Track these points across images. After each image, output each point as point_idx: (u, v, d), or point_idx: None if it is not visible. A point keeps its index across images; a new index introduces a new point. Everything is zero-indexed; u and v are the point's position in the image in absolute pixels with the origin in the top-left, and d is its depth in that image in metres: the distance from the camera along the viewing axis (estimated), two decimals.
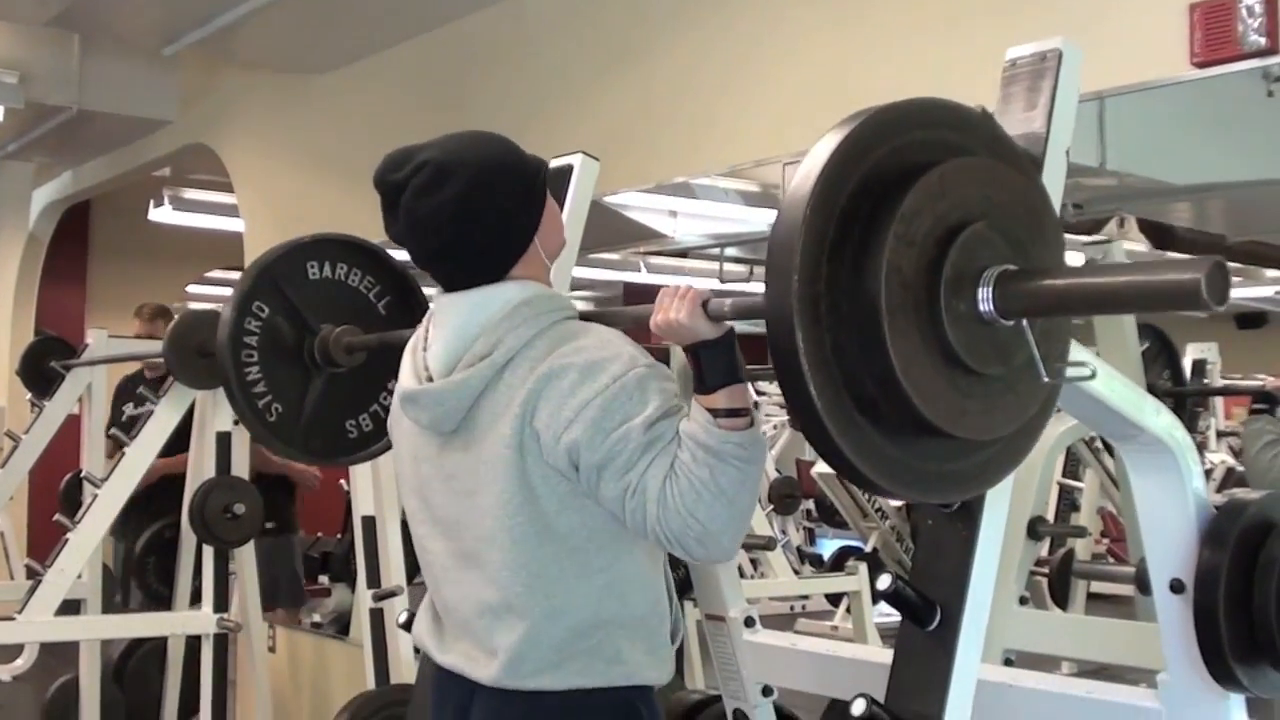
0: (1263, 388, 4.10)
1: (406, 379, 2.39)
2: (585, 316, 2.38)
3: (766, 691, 3.01)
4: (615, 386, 2.16)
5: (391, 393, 3.09)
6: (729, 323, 2.13)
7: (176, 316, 5.23)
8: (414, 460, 2.43)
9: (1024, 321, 1.80)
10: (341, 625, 6.66)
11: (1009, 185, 1.86)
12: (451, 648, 2.39)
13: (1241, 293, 12.97)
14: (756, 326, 1.86)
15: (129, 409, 6.61)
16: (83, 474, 5.86)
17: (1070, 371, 1.95)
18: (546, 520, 2.23)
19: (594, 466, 2.15)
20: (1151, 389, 4.78)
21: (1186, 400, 5.04)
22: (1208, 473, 4.88)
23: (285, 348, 3.15)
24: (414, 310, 3.22)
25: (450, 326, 2.33)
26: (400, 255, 2.78)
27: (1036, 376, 1.82)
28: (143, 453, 5.12)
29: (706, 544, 2.10)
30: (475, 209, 2.30)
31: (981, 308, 1.76)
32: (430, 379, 2.32)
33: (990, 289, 1.76)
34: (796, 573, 8.30)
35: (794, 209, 1.72)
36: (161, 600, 5.73)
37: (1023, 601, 4.22)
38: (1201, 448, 7.77)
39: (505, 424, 2.22)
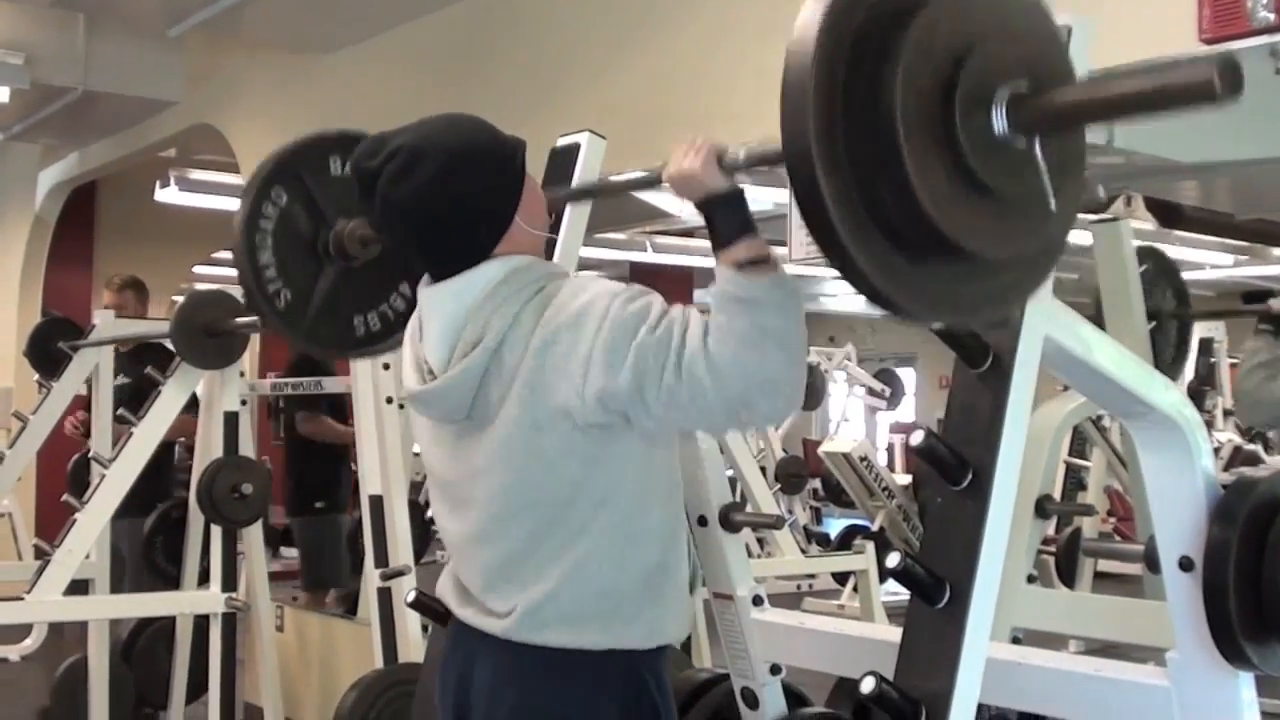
0: (1268, 309, 4.05)
1: (410, 377, 2.39)
2: (590, 190, 2.36)
3: (774, 670, 3.02)
4: (606, 323, 2.15)
5: (402, 295, 3.11)
6: (740, 182, 2.12)
7: (183, 296, 5.23)
8: (432, 443, 2.44)
9: (1036, 144, 1.79)
10: (349, 604, 6.67)
11: (1025, 11, 1.87)
12: (471, 604, 2.39)
13: (1248, 270, 12.98)
14: None
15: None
16: (90, 454, 5.87)
17: (1073, 196, 1.94)
18: (565, 489, 2.23)
19: (633, 391, 2.12)
20: (1157, 312, 4.77)
21: (1191, 325, 4.99)
22: (1215, 451, 4.87)
23: (300, 237, 3.10)
24: None
25: (439, 316, 2.32)
26: None
27: (1047, 203, 1.82)
28: (150, 432, 5.12)
29: (771, 394, 2.06)
30: (450, 192, 2.30)
31: (995, 125, 1.76)
32: (432, 372, 2.31)
33: (1004, 106, 1.76)
34: (804, 552, 8.32)
35: (811, 16, 1.71)
36: (169, 580, 5.73)
37: (1030, 580, 4.23)
38: (1209, 426, 7.77)
39: (513, 403, 2.22)
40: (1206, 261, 12.18)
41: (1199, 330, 8.04)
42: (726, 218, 2.11)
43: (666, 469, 2.39)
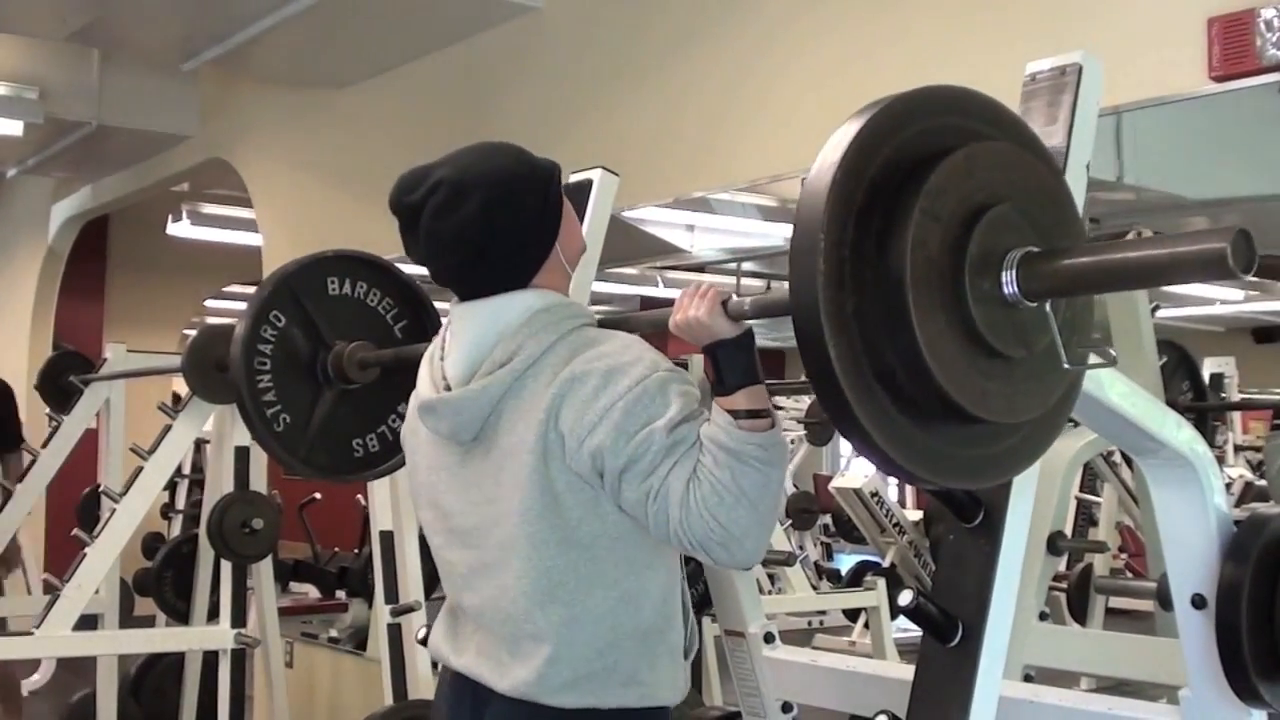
0: None
1: (424, 388, 2.39)
2: (604, 323, 2.38)
3: (786, 708, 3.00)
4: (638, 389, 2.16)
5: (401, 416, 3.11)
6: (748, 323, 2.12)
7: (194, 331, 5.24)
8: (430, 470, 2.42)
9: (1047, 305, 1.79)
10: (359, 640, 6.66)
11: (1034, 172, 1.86)
12: (467, 650, 2.38)
13: (1258, 306, 12.96)
14: (774, 340, 1.85)
15: None
16: (101, 488, 5.88)
17: (1092, 358, 1.93)
18: (568, 528, 2.22)
19: (617, 470, 2.14)
20: (1172, 405, 4.77)
21: (1207, 415, 5.02)
22: (1227, 486, 4.87)
23: (299, 360, 3.15)
24: (429, 334, 3.22)
25: (468, 334, 2.32)
26: (416, 271, 2.79)
27: (1058, 362, 1.81)
28: (160, 468, 5.13)
29: (730, 548, 2.09)
30: (496, 223, 2.31)
31: (1005, 288, 1.76)
32: (448, 388, 2.31)
33: (1014, 270, 1.75)
34: (814, 588, 8.29)
35: (822, 177, 1.72)
36: (179, 615, 5.73)
37: (1042, 617, 4.21)
38: (1219, 462, 7.75)
39: (528, 430, 2.21)
40: (1216, 297, 12.16)
41: (1209, 365, 8.02)
42: (731, 364, 2.12)
43: None
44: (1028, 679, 3.76)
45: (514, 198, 2.33)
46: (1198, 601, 2.32)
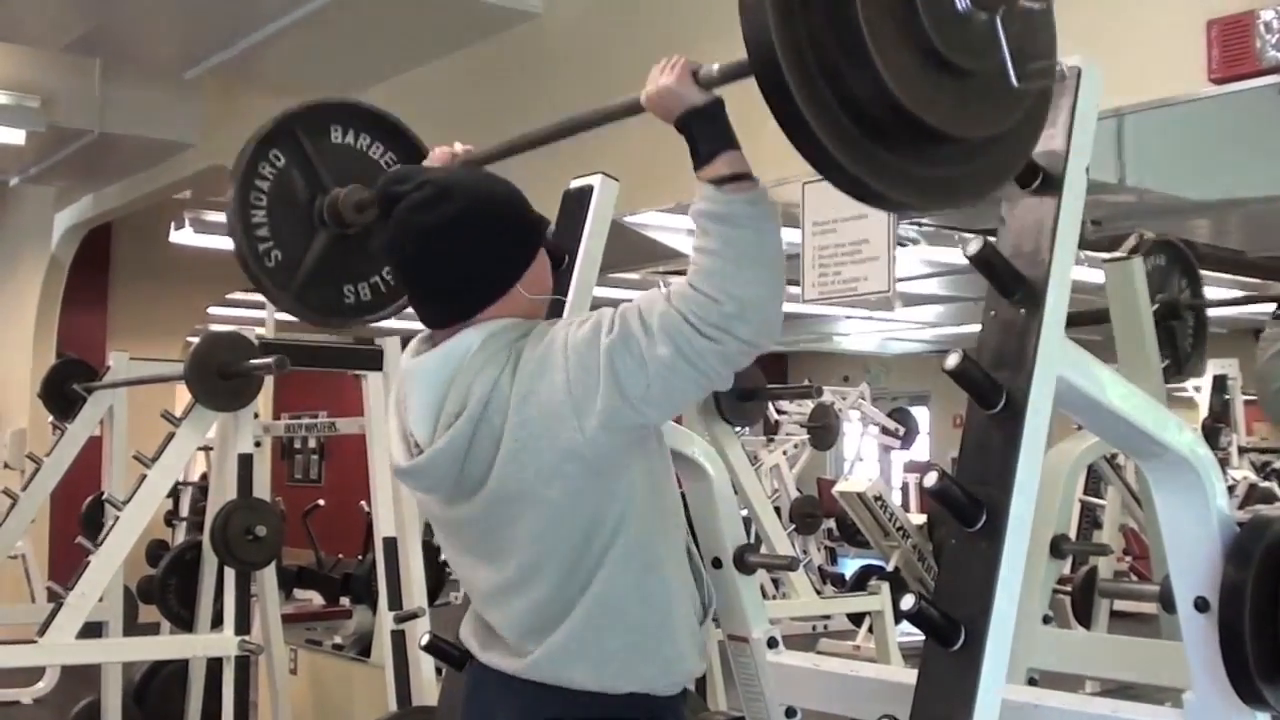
0: None
1: (397, 451, 2.39)
2: (568, 126, 2.49)
3: (790, 713, 3.00)
4: (569, 351, 2.17)
5: None
6: (717, 92, 2.13)
7: (197, 338, 5.24)
8: (432, 505, 2.43)
9: (998, 19, 1.82)
10: (363, 647, 6.66)
11: None
12: (494, 646, 2.39)
13: (1260, 308, 12.94)
14: (777, 344, 1.86)
15: None
16: (104, 496, 5.88)
17: (1038, 76, 1.97)
18: (581, 533, 2.22)
19: (620, 396, 2.13)
20: (1173, 304, 4.79)
21: (1205, 314, 5.01)
22: (1230, 489, 4.87)
23: (295, 201, 3.07)
24: None
25: (420, 389, 2.31)
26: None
27: (1008, 82, 1.86)
28: (164, 476, 5.13)
29: (748, 317, 2.05)
30: (463, 236, 2.30)
31: (959, 3, 1.81)
32: (419, 446, 2.31)
33: None
34: (818, 592, 8.29)
35: None
36: (183, 622, 5.73)
37: (1046, 620, 4.21)
38: (1223, 464, 7.76)
39: (507, 463, 2.21)
40: (1218, 298, 12.16)
41: (1212, 367, 8.03)
42: (705, 132, 2.12)
43: (670, 495, 2.40)
44: (1032, 682, 3.76)
45: (491, 220, 2.33)
46: (1201, 604, 2.32)
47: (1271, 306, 4.37)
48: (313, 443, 17.81)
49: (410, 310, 2.50)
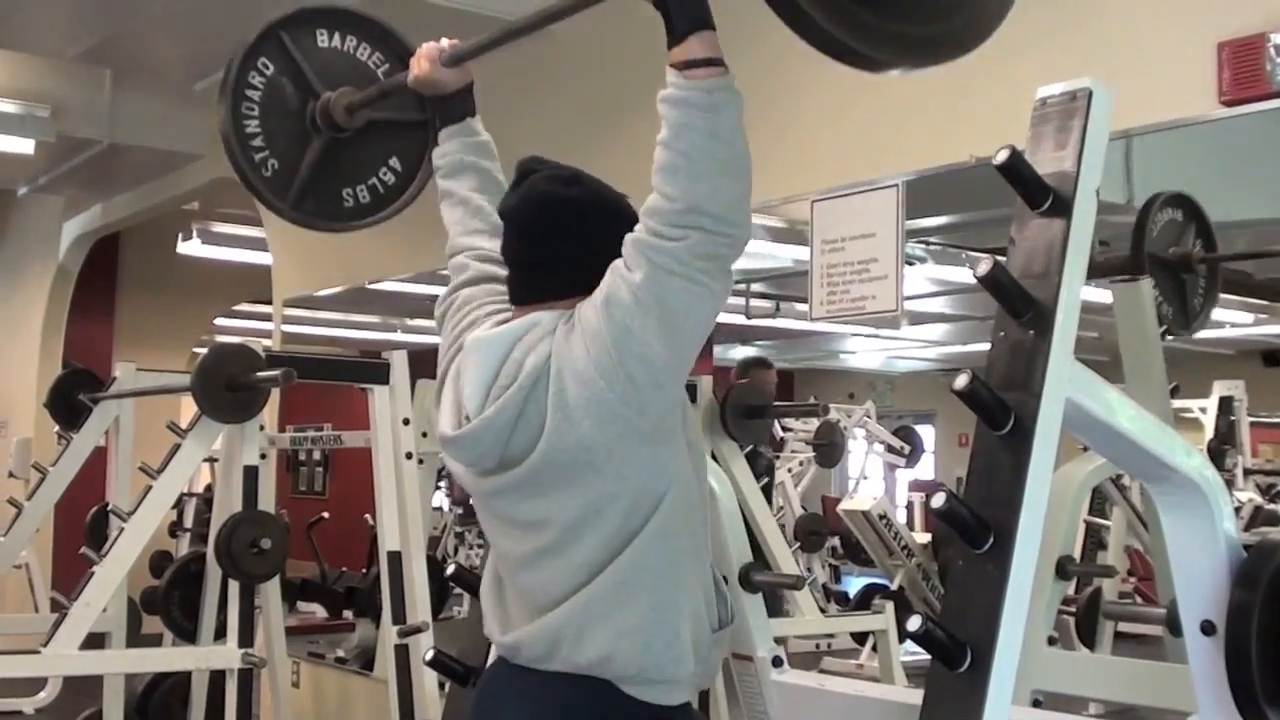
0: None
1: (446, 421, 2.40)
2: (552, 13, 2.58)
3: None
4: (583, 320, 2.23)
5: (392, 169, 3.13)
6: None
7: (204, 349, 5.24)
8: (467, 477, 2.44)
9: None
10: (366, 661, 6.66)
11: None
12: (517, 627, 2.40)
13: (1268, 329, 12.94)
14: (784, 362, 1.85)
15: None
16: (109, 506, 5.88)
17: None
18: (626, 498, 2.25)
19: (628, 342, 2.16)
20: (1186, 257, 4.79)
21: (1219, 269, 5.01)
22: (1236, 510, 4.85)
23: (287, 108, 3.07)
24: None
25: (478, 361, 2.34)
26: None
27: None
28: (169, 487, 5.13)
29: (707, 211, 2.08)
30: (585, 216, 2.37)
31: None
32: (468, 418, 2.32)
33: None
34: (822, 611, 8.27)
35: None
36: (186, 634, 5.73)
37: (1051, 641, 4.20)
38: (1229, 485, 7.75)
39: (553, 434, 2.23)
40: (1226, 320, 12.14)
41: (1219, 389, 8.02)
42: (681, 5, 2.13)
43: (700, 502, 2.42)
44: (1036, 704, 3.75)
45: (610, 214, 2.38)
46: (1207, 627, 2.31)
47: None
48: (318, 455, 17.80)
49: (420, 321, 2.51)
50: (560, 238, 2.36)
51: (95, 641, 5.34)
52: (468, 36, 2.76)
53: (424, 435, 5.54)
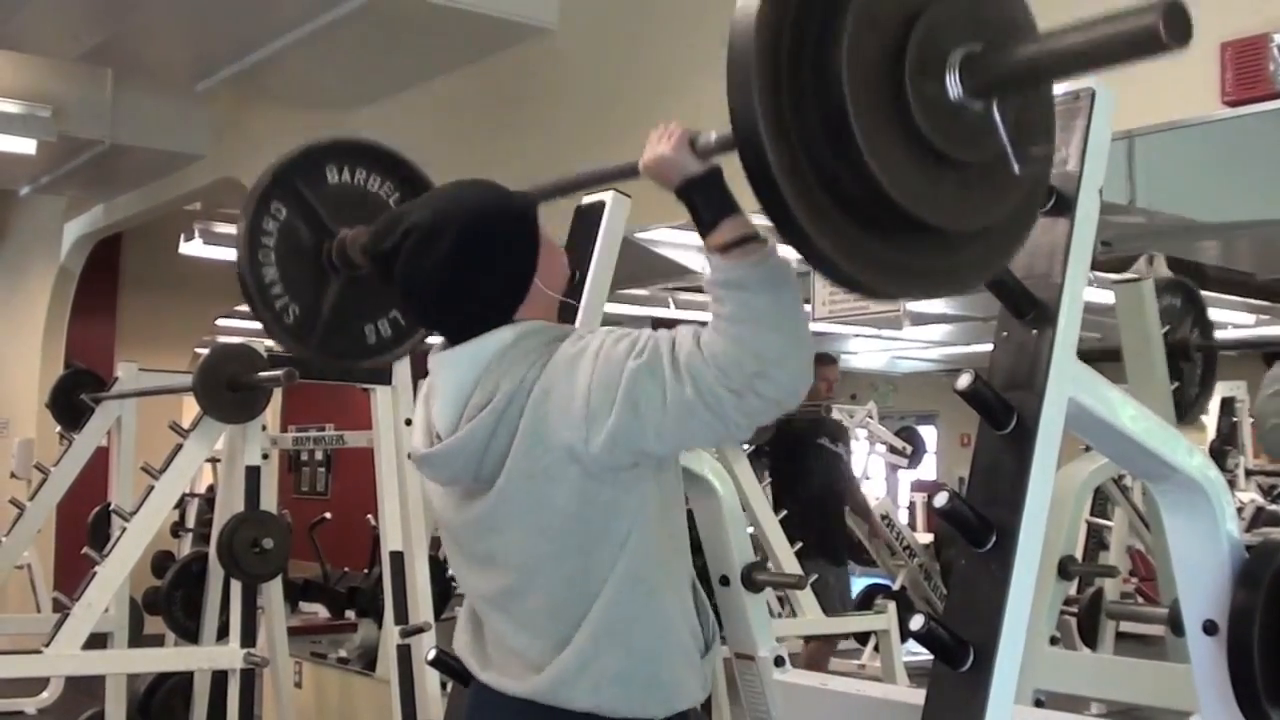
0: None
1: (418, 439, 2.38)
2: (565, 185, 2.43)
3: None
4: (599, 361, 2.15)
5: None
6: (716, 160, 2.10)
7: (206, 350, 5.24)
8: (443, 508, 2.42)
9: (994, 106, 1.77)
10: (368, 661, 6.65)
11: None
12: (491, 663, 2.37)
13: (1269, 330, 12.94)
14: None
15: None
16: (111, 507, 5.88)
17: (1039, 161, 1.92)
18: (584, 540, 2.21)
19: (633, 421, 2.11)
20: (1183, 344, 4.77)
21: (1215, 358, 4.98)
22: (1238, 511, 4.84)
23: (303, 250, 3.06)
24: None
25: (449, 381, 2.31)
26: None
27: (1009, 168, 1.80)
28: (171, 487, 5.13)
29: (772, 375, 2.02)
30: (471, 262, 2.29)
31: (950, 90, 1.74)
32: (439, 436, 2.31)
33: (957, 69, 1.74)
34: (825, 611, 8.27)
35: (743, 25, 1.72)
36: (188, 634, 5.73)
37: (1053, 641, 4.20)
38: (1231, 486, 7.74)
39: (520, 458, 2.20)
40: (1228, 321, 12.15)
41: (1221, 390, 8.01)
42: (706, 200, 2.09)
43: (678, 526, 2.38)
44: (1038, 704, 3.75)
45: (487, 236, 2.31)
46: (1209, 627, 2.31)
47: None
48: (320, 455, 17.80)
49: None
50: (463, 297, 2.31)
51: (97, 642, 5.34)
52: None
53: None
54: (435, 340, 2.44)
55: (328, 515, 8.03)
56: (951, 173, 1.77)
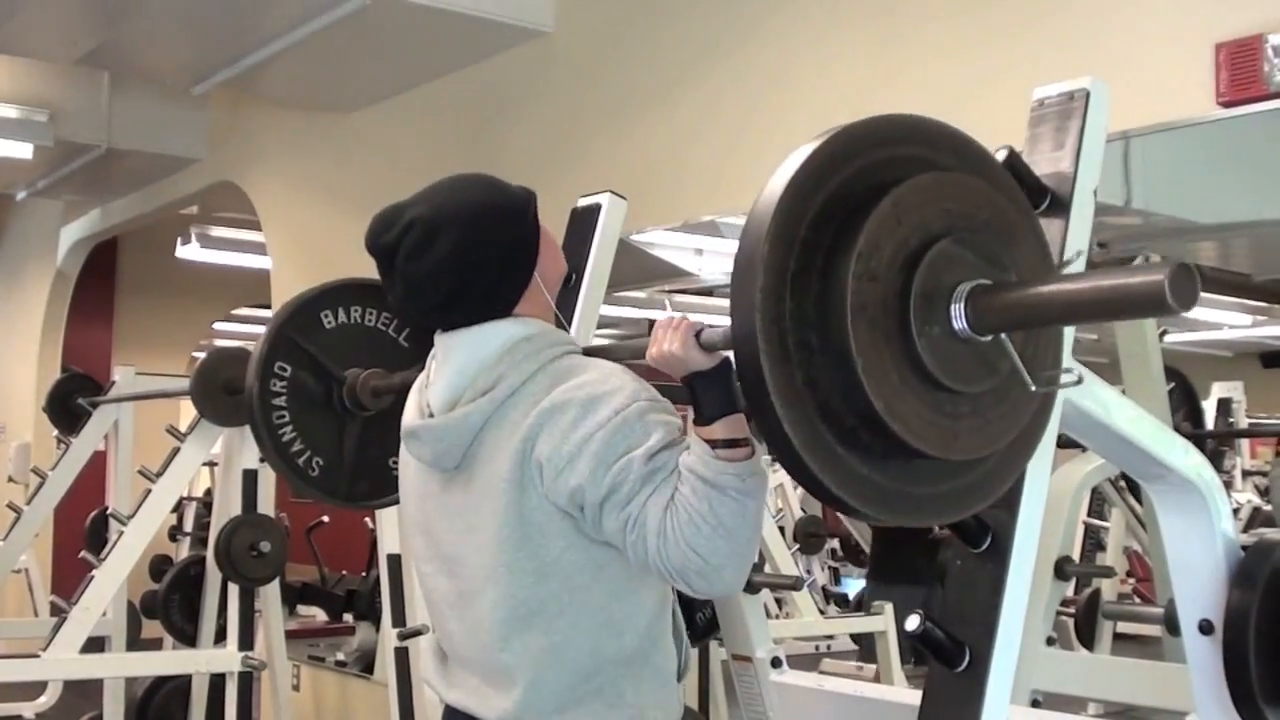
0: None
1: (410, 415, 2.39)
2: (588, 352, 2.36)
3: None
4: (617, 420, 2.14)
5: None
6: (723, 354, 2.09)
7: (203, 354, 5.25)
8: (419, 498, 2.42)
9: (1003, 335, 1.76)
10: (366, 664, 6.66)
11: (972, 195, 1.81)
12: (457, 684, 2.37)
13: (1266, 331, 12.95)
14: None
15: None
16: (109, 510, 5.89)
17: (1057, 380, 1.89)
18: (548, 557, 2.21)
19: (597, 502, 2.13)
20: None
21: (1206, 444, 5.01)
22: (1234, 512, 4.84)
23: (315, 400, 3.15)
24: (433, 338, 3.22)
25: (452, 363, 2.32)
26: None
27: (1023, 388, 1.78)
28: (169, 491, 5.13)
29: (708, 577, 2.06)
30: (471, 259, 2.30)
31: (956, 326, 1.73)
32: (432, 415, 2.31)
33: (962, 306, 1.72)
34: (822, 612, 8.27)
35: (753, 241, 1.69)
36: (186, 638, 5.73)
37: (1050, 642, 4.21)
38: (1227, 487, 7.75)
39: (504, 460, 2.20)
40: (1224, 322, 12.16)
41: (1217, 391, 8.02)
42: (708, 394, 2.09)
43: None
44: (1035, 704, 3.75)
45: (488, 231, 2.32)
46: (1205, 627, 2.32)
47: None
48: None
49: None
50: (467, 288, 2.32)
51: (95, 645, 5.34)
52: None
53: None
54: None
55: (325, 519, 8.03)
56: (966, 403, 1.76)
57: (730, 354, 2.02)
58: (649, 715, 2.30)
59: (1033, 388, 1.79)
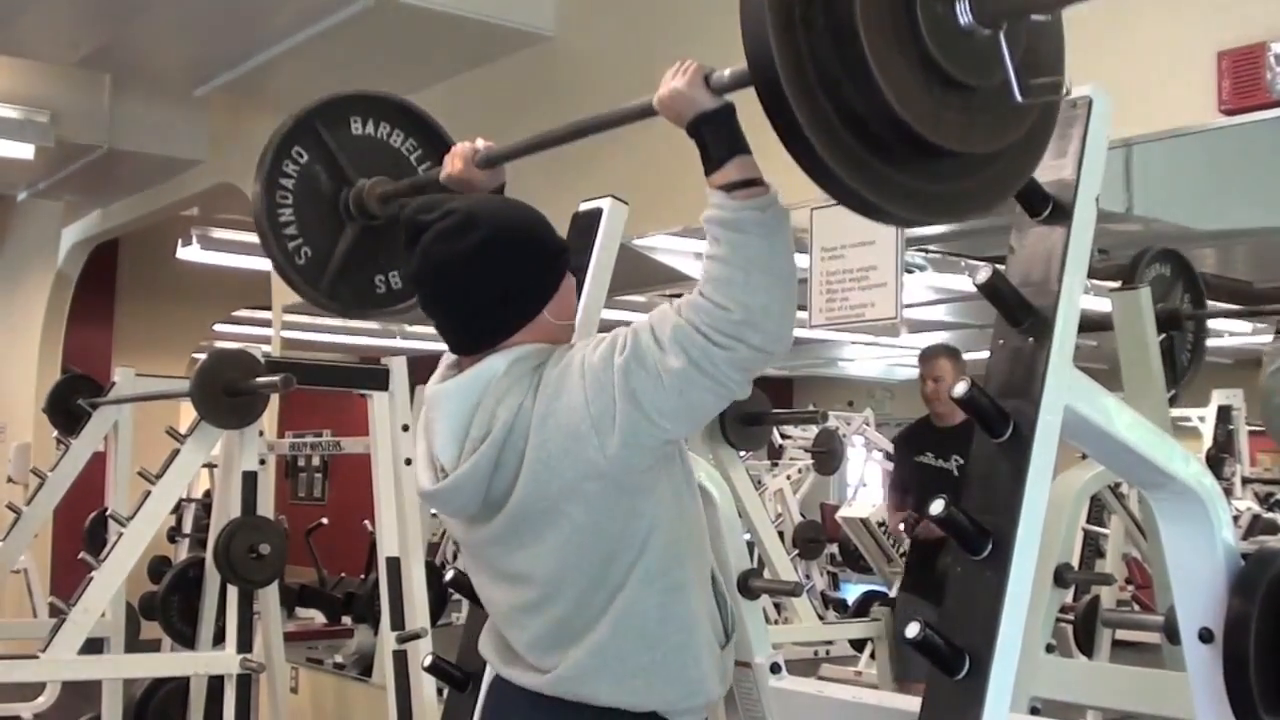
0: None
1: (423, 475, 2.39)
2: (580, 128, 2.53)
3: None
4: (586, 370, 2.18)
5: None
6: (728, 98, 2.13)
7: (203, 355, 5.24)
8: (455, 527, 2.45)
9: (1001, 34, 1.82)
10: (364, 667, 6.66)
11: None
12: (516, 663, 2.39)
13: (1267, 338, 12.93)
14: (781, 369, 1.84)
15: None
16: (108, 512, 5.88)
17: (1044, 93, 1.95)
18: (605, 549, 2.23)
19: (637, 412, 2.13)
20: (1174, 313, 4.76)
21: (1206, 324, 4.97)
22: (1234, 519, 4.83)
23: (320, 195, 3.08)
24: None
25: (445, 414, 2.32)
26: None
27: (1011, 95, 1.85)
28: (168, 492, 5.13)
29: (758, 324, 2.06)
30: (490, 263, 2.31)
31: (961, 16, 1.80)
32: (444, 470, 2.31)
33: None
34: (821, 618, 8.27)
35: None
36: (185, 639, 5.73)
37: (1049, 649, 4.20)
38: (1227, 494, 7.73)
39: (529, 484, 2.22)
40: (1224, 329, 12.15)
41: (1217, 398, 8.01)
42: (716, 137, 2.13)
43: (696, 520, 2.41)
44: (1034, 711, 3.75)
45: (515, 247, 2.34)
46: (1205, 635, 2.31)
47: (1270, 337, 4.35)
48: (317, 461, 17.79)
49: (420, 328, 2.50)
50: (472, 292, 2.33)
51: (94, 647, 5.34)
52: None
53: None
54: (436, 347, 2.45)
55: (324, 521, 8.03)
56: (958, 96, 1.83)
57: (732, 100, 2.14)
58: (708, 684, 2.34)
59: (1018, 97, 1.86)
